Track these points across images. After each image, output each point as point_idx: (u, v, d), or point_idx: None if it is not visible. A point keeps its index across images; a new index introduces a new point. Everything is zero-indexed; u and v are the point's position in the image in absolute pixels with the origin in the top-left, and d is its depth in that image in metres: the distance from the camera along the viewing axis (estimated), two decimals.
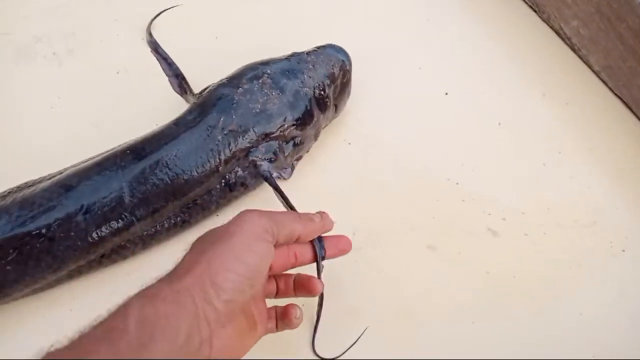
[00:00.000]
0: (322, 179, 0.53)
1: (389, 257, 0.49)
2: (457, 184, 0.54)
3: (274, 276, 0.41)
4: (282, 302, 0.41)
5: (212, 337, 0.31)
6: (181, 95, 0.55)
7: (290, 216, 0.39)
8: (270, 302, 0.41)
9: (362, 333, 0.44)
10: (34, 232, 0.40)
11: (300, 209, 0.50)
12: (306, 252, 0.40)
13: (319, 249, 0.41)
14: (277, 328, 0.40)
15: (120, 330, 0.27)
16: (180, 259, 0.34)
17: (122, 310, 0.28)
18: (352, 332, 0.45)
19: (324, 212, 0.41)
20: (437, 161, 0.55)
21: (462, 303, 0.47)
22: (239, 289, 0.32)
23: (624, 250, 0.51)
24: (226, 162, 0.47)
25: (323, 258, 0.41)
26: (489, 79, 0.62)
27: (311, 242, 0.41)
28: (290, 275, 0.41)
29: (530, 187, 0.54)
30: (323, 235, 0.41)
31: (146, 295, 0.30)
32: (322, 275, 0.42)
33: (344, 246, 0.42)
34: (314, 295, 0.41)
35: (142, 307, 0.28)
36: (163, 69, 0.58)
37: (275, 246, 0.36)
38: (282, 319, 0.39)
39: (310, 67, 0.51)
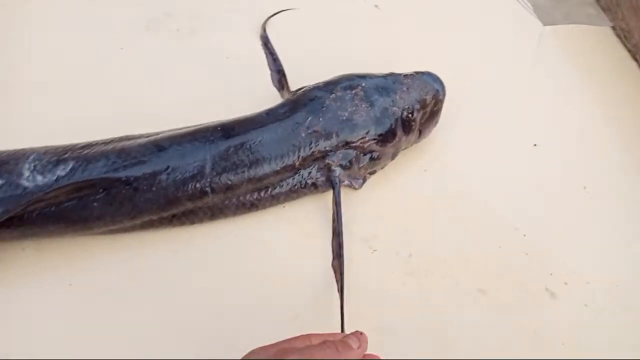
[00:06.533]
0: (391, 198, 0.54)
1: (438, 289, 0.48)
2: (524, 235, 0.52)
3: None
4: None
5: None
6: (278, 90, 0.59)
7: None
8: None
9: None
10: (123, 179, 0.45)
11: (362, 220, 0.52)
12: None
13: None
14: None
15: None
16: None
17: None
18: (386, 352, 0.45)
19: (361, 333, 0.38)
20: (509, 207, 0.54)
21: (501, 356, 0.46)
22: None
23: None
24: (304, 159, 0.49)
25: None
26: (582, 136, 0.60)
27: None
28: None
29: (602, 259, 0.52)
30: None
31: None
32: (368, 281, 0.47)
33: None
34: None
35: None
36: (268, 63, 0.62)
37: None
38: None
39: (404, 89, 0.52)
